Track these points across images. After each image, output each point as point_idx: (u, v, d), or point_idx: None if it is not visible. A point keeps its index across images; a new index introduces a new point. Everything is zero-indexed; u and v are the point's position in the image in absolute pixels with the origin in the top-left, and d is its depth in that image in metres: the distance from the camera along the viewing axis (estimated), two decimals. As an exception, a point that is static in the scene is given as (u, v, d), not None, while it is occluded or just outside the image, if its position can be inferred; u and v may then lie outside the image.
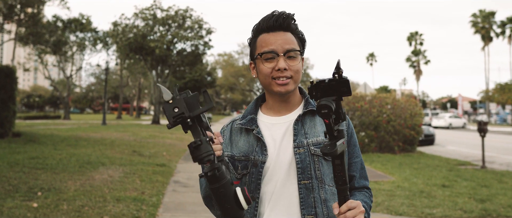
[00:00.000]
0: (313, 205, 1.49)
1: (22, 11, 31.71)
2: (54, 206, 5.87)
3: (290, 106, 1.63)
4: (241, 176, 1.57)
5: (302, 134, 1.55)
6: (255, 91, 65.58)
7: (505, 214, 6.37)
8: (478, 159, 13.41)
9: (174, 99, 1.21)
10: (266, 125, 1.61)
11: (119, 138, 17.11)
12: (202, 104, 1.25)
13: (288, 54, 1.53)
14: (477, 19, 55.80)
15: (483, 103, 63.38)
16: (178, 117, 1.20)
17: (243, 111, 8.29)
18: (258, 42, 1.58)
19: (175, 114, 1.20)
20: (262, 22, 1.58)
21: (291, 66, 1.53)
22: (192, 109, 1.22)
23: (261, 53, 1.55)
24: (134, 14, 31.86)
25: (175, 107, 1.20)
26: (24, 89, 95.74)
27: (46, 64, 44.39)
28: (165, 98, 1.21)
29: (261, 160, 1.54)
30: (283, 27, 1.56)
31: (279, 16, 1.55)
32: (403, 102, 15.62)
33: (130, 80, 62.65)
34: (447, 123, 40.23)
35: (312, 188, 1.50)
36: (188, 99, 1.22)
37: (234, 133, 1.65)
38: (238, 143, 1.61)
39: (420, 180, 9.08)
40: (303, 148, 1.52)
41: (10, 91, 13.70)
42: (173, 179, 8.68)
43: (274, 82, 1.54)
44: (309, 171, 1.51)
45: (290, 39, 1.55)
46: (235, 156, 1.60)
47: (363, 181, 1.64)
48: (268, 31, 1.56)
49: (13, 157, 9.70)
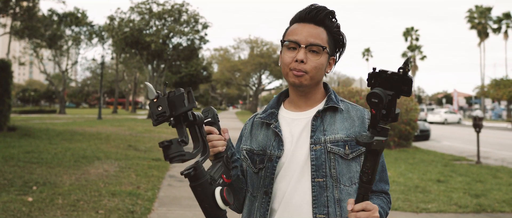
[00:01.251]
0: (326, 204, 1.44)
1: (18, 4, 31.48)
2: (49, 200, 5.85)
3: (311, 102, 1.59)
4: (258, 170, 1.54)
5: (321, 130, 1.51)
6: (251, 86, 65.54)
7: (499, 209, 6.40)
8: (473, 154, 13.47)
9: (158, 98, 1.21)
10: (286, 120, 1.58)
11: (114, 132, 17.09)
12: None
13: (311, 47, 1.48)
14: (473, 15, 55.87)
15: (478, 99, 63.60)
16: (160, 116, 1.20)
17: (238, 106, 8.17)
18: (287, 31, 1.56)
19: (158, 112, 1.20)
20: (298, 12, 1.55)
21: (311, 60, 1.48)
22: (175, 108, 1.21)
23: (284, 41, 1.52)
24: (130, 8, 31.74)
25: (158, 106, 1.20)
26: (19, 84, 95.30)
27: (41, 58, 44.15)
28: (150, 96, 1.20)
29: (276, 154, 1.51)
30: (315, 20, 1.51)
31: (313, 9, 1.52)
32: (399, 97, 15.63)
33: (126, 74, 62.47)
34: (443, 118, 40.38)
35: (326, 187, 1.45)
36: (172, 99, 1.21)
37: (255, 127, 1.63)
38: (258, 137, 1.59)
39: (415, 175, 9.11)
40: (320, 145, 1.48)
41: (5, 86, 13.65)
42: (168, 173, 8.67)
43: (291, 73, 1.50)
44: (324, 169, 1.46)
45: (318, 34, 1.50)
46: (254, 149, 1.58)
47: (383, 185, 1.57)
48: (300, 21, 1.54)
49: (8, 151, 9.67)
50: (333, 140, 1.49)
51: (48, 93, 79.61)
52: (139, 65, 44.54)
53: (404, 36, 65.62)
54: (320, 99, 1.60)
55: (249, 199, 1.57)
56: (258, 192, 1.53)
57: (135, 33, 30.90)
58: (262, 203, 1.50)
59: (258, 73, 60.39)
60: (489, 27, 55.32)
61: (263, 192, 1.51)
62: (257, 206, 1.52)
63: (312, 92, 1.58)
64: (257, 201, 1.52)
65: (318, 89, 1.59)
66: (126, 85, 69.82)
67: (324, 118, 1.54)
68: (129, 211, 5.59)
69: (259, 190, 1.53)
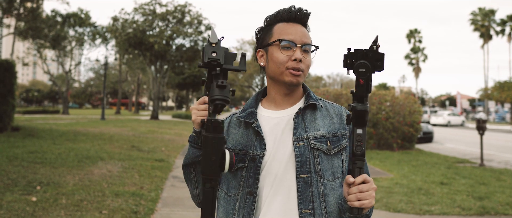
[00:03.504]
0: (311, 199, 1.46)
1: (22, 5, 31.60)
2: (53, 200, 5.87)
3: (292, 100, 1.60)
4: (236, 169, 1.53)
5: (302, 127, 1.53)
6: (254, 88, 65.55)
7: (503, 211, 6.39)
8: (476, 156, 13.44)
9: (217, 45, 1.25)
10: (266, 119, 1.58)
11: (118, 133, 17.11)
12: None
13: (305, 47, 1.53)
14: (477, 17, 55.75)
15: (482, 102, 63.40)
16: (212, 60, 1.23)
17: (241, 107, 8.21)
18: (275, 30, 1.56)
19: (212, 57, 1.23)
20: (282, 12, 1.57)
21: (305, 59, 1.53)
22: (227, 61, 1.26)
23: (281, 40, 1.52)
24: (134, 9, 31.81)
25: (213, 52, 1.24)
26: (23, 84, 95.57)
27: (45, 59, 44.29)
28: (212, 40, 1.24)
29: (259, 154, 1.51)
30: (302, 21, 1.57)
31: (300, 10, 1.55)
32: (402, 99, 15.63)
33: (129, 75, 62.56)
34: (446, 121, 40.25)
35: (310, 182, 1.47)
36: (228, 54, 1.26)
37: (232, 126, 1.63)
38: (235, 136, 1.59)
39: (419, 177, 9.10)
40: (303, 142, 1.50)
41: (9, 86, 13.69)
42: (171, 174, 8.68)
43: (287, 72, 1.52)
44: (308, 165, 1.48)
45: (307, 34, 1.56)
46: (230, 149, 1.55)
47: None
48: (288, 21, 1.56)
49: (12, 151, 9.70)
50: (315, 137, 1.51)
51: (51, 93, 79.89)
52: (142, 66, 44.63)
53: (408, 38, 65.53)
54: (299, 98, 1.62)
55: (224, 199, 1.56)
56: (237, 191, 1.52)
57: (139, 34, 30.96)
58: (246, 203, 1.50)
59: (261, 74, 60.44)
60: (492, 29, 55.20)
61: (246, 192, 1.50)
62: (238, 207, 1.51)
63: (296, 91, 1.61)
64: (238, 201, 1.51)
65: (300, 88, 1.63)
66: (129, 86, 69.97)
67: (305, 116, 1.56)
68: (133, 212, 5.60)
69: (238, 190, 1.52)
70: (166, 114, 56.40)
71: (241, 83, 64.41)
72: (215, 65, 1.23)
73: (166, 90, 66.79)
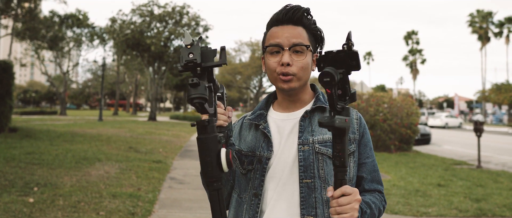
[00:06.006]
0: (314, 205, 1.42)
1: (19, 6, 31.58)
2: (50, 201, 5.86)
3: (299, 104, 1.57)
4: (246, 172, 1.52)
5: (309, 131, 1.49)
6: (252, 89, 65.54)
7: (500, 213, 6.40)
8: (473, 158, 13.46)
9: (192, 45, 1.21)
10: (275, 121, 1.57)
11: (115, 134, 17.09)
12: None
13: (294, 48, 1.46)
14: (475, 19, 55.91)
15: (479, 103, 63.57)
16: (189, 61, 1.20)
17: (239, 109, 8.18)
18: (267, 36, 1.53)
19: (189, 59, 1.20)
20: (273, 15, 1.53)
21: (296, 61, 1.46)
22: (205, 60, 1.22)
23: (266, 46, 1.50)
24: (132, 10, 31.80)
25: (190, 53, 1.21)
26: (20, 85, 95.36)
27: (42, 59, 44.22)
28: (185, 42, 1.21)
29: (266, 156, 1.49)
30: (293, 20, 1.49)
31: (289, 9, 1.49)
32: (400, 101, 15.66)
33: (127, 76, 62.51)
34: (443, 123, 40.31)
35: (314, 188, 1.43)
36: (205, 51, 1.23)
37: (244, 128, 1.62)
38: (247, 138, 1.58)
39: (416, 179, 9.11)
40: (308, 146, 1.47)
41: (7, 86, 13.66)
42: (169, 175, 8.68)
43: (279, 78, 1.48)
44: (312, 169, 1.44)
45: (299, 33, 1.48)
46: (242, 150, 1.56)
47: (375, 185, 1.55)
48: (278, 24, 1.51)
49: (9, 152, 9.68)
50: (321, 141, 1.48)
51: (49, 94, 79.78)
52: (140, 67, 44.53)
53: (405, 40, 65.71)
54: (309, 100, 1.59)
55: (236, 200, 1.55)
56: (246, 193, 1.51)
57: (136, 35, 30.96)
58: (252, 205, 1.48)
59: (259, 76, 60.41)
60: (490, 32, 55.34)
61: (252, 194, 1.49)
62: (246, 208, 1.50)
63: (300, 94, 1.56)
64: (246, 203, 1.50)
65: (306, 90, 1.58)
66: (127, 87, 69.89)
67: (312, 119, 1.52)
68: (130, 213, 5.60)
69: (247, 191, 1.51)
70: (164, 115, 56.35)
71: (239, 84, 64.40)
72: (194, 66, 1.21)
73: (164, 92, 66.70)
